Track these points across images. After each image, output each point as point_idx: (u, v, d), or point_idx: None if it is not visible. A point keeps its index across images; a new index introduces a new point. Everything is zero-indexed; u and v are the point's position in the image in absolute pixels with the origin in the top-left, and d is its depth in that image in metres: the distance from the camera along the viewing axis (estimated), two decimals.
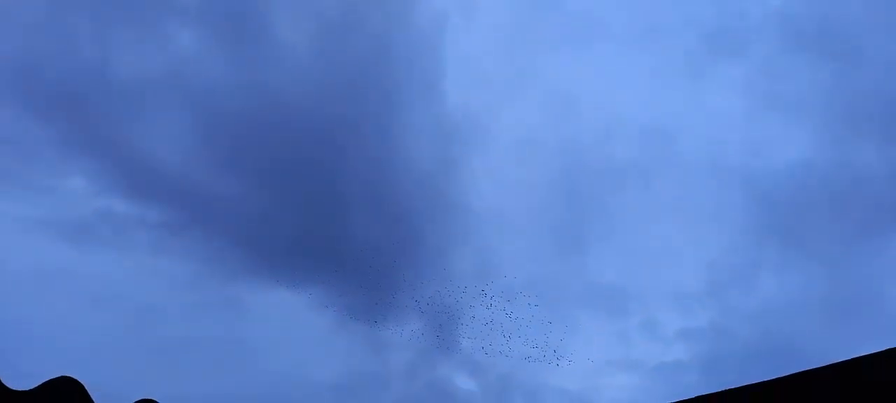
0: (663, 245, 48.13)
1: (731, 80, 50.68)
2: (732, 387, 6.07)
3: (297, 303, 38.62)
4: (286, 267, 37.86)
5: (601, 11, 52.89)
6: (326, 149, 38.70)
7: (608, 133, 48.75)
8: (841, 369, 5.66)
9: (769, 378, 5.83)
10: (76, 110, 35.41)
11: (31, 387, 4.79)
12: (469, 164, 47.51)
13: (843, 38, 45.82)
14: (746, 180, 46.50)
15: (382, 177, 40.13)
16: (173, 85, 38.58)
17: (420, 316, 40.04)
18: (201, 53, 39.00)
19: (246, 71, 39.95)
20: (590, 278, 47.48)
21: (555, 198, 47.75)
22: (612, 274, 48.82)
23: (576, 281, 47.99)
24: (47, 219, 34.84)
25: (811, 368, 5.69)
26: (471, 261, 45.87)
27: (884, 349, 5.40)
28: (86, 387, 4.98)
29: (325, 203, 39.27)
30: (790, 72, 49.28)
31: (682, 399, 6.50)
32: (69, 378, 4.93)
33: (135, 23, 37.50)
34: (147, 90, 37.42)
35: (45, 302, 32.82)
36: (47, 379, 4.93)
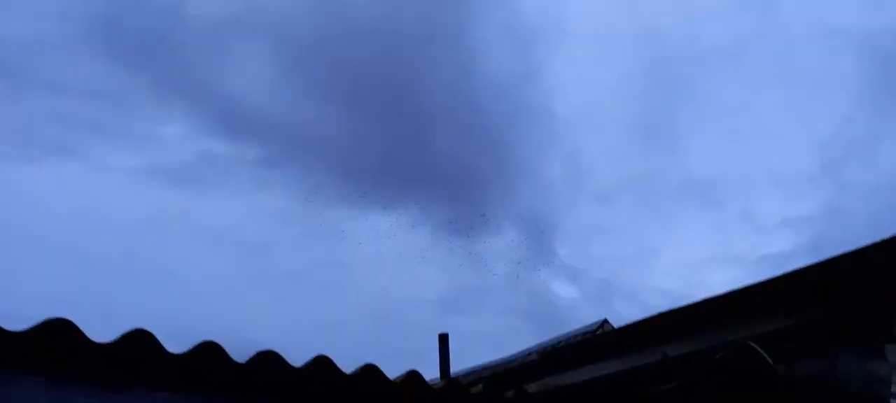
0: (763, 125, 43.97)
1: None
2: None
3: (393, 223, 38.87)
4: (379, 189, 37.95)
5: None
6: (405, 62, 37.62)
7: (691, 9, 44.25)
8: None
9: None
10: (161, 55, 36.26)
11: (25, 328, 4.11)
12: (550, 65, 44.90)
13: None
14: (862, 40, 40.82)
15: (464, 86, 38.70)
16: (250, 17, 38.58)
17: (514, 226, 39.18)
18: None
19: None
20: (684, 170, 44.52)
21: (641, 91, 44.51)
22: (708, 164, 45.52)
23: (670, 174, 45.09)
24: (151, 167, 36.62)
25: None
26: (561, 166, 44.12)
27: None
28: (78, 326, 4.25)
29: (409, 118, 38.60)
30: None
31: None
32: (62, 319, 4.20)
33: None
34: (225, 26, 37.59)
35: (158, 248, 34.82)
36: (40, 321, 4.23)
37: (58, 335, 4.36)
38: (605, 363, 7.11)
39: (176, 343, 4.93)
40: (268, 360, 5.02)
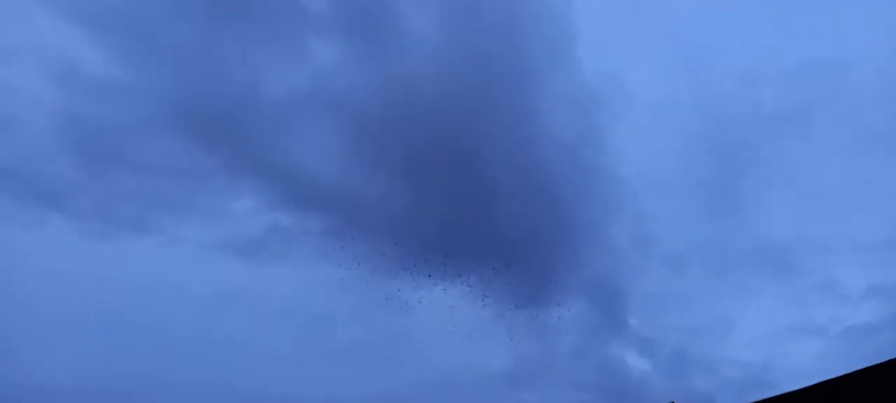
0: (837, 190, 41.70)
1: None
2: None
3: (457, 294, 38.62)
4: (442, 259, 37.90)
5: None
6: (468, 133, 38.16)
7: (750, 75, 43.25)
8: None
9: None
10: (235, 134, 38.06)
11: None
12: (613, 131, 44.65)
13: None
14: None
15: (527, 155, 38.82)
16: (318, 95, 40.15)
17: (582, 296, 38.19)
18: (339, 60, 40.21)
19: (383, 69, 40.55)
20: (755, 237, 42.74)
21: (705, 156, 43.54)
22: (780, 230, 43.61)
23: (740, 240, 43.39)
24: (223, 241, 37.86)
25: None
26: (628, 232, 43.19)
27: None
28: None
29: (473, 189, 38.79)
30: None
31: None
32: None
33: (276, 42, 39.48)
34: (295, 105, 39.26)
35: (227, 318, 35.57)
36: None
37: None
38: None
39: None
40: None
